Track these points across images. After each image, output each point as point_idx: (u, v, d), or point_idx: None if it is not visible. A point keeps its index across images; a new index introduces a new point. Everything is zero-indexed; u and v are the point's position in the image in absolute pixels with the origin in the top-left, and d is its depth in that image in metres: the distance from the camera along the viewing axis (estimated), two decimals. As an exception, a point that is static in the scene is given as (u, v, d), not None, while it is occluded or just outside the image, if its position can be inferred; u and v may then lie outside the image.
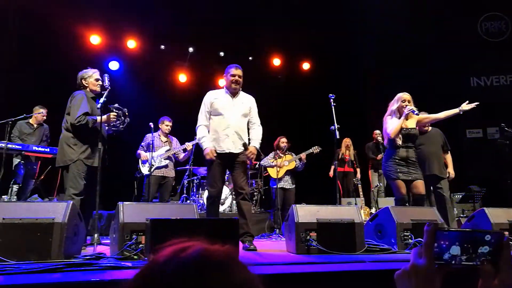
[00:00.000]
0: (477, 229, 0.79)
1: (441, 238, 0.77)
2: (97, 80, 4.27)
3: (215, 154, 4.02)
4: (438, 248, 0.76)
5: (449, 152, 5.67)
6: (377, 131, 7.81)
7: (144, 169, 5.97)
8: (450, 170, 5.57)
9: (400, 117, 4.52)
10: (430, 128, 5.61)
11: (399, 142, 4.50)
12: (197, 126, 4.24)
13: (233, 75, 4.19)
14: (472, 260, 0.76)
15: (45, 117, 6.64)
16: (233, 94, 4.24)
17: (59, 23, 8.14)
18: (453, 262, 0.76)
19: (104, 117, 3.95)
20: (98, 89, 4.22)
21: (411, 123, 4.62)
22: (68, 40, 8.36)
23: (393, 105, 4.65)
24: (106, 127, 4.20)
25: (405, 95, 4.61)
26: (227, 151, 4.06)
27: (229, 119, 4.12)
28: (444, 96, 8.60)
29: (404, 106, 4.52)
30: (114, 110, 4.10)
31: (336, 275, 2.34)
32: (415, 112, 4.52)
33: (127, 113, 4.16)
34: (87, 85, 4.25)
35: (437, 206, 5.27)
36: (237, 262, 0.58)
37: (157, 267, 0.55)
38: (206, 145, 4.06)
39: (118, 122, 4.12)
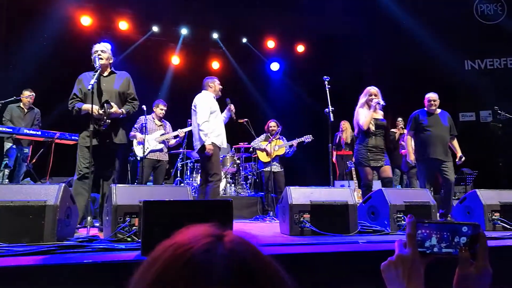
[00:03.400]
0: (454, 221, 0.86)
1: (422, 229, 0.83)
2: (95, 52, 4.04)
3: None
4: (420, 238, 0.83)
5: (455, 138, 5.52)
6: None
7: (139, 151, 5.92)
8: (459, 153, 5.47)
9: (369, 109, 4.93)
10: (438, 110, 5.49)
11: (373, 128, 4.90)
12: (203, 121, 4.71)
13: (220, 84, 5.09)
14: (451, 248, 0.81)
15: (31, 100, 6.56)
16: (217, 99, 5.05)
17: (48, 3, 7.96)
18: (434, 250, 0.82)
19: (87, 106, 3.78)
20: (96, 63, 3.92)
21: (377, 115, 5.03)
22: (58, 21, 8.17)
23: (362, 98, 5.04)
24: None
25: (372, 89, 5.01)
26: (225, 146, 4.96)
27: (222, 119, 5.00)
28: (438, 79, 8.61)
29: (371, 99, 4.93)
30: (103, 109, 3.92)
31: (330, 256, 2.36)
32: (381, 104, 4.95)
33: (108, 111, 3.91)
34: (93, 63, 4.04)
35: (443, 189, 5.29)
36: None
37: (202, 255, 0.49)
38: (211, 141, 4.69)
39: (102, 121, 3.94)
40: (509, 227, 3.76)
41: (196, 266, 0.48)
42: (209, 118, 4.74)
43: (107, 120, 3.92)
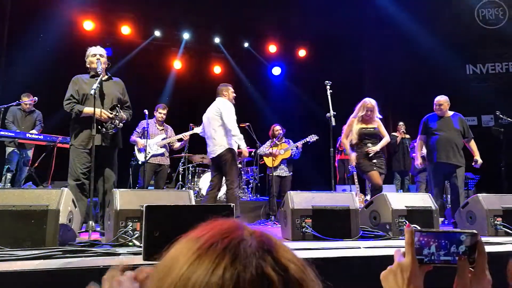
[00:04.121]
0: (452, 230, 0.85)
1: (420, 237, 0.84)
2: (94, 55, 4.05)
3: None
4: (418, 246, 0.83)
5: (472, 139, 5.39)
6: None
7: (140, 157, 5.94)
8: (477, 157, 5.32)
9: (363, 123, 4.98)
10: (450, 112, 5.40)
11: (355, 141, 4.98)
12: (234, 126, 4.82)
13: (234, 92, 5.17)
14: (450, 256, 0.82)
15: (30, 106, 6.63)
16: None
17: (51, 8, 8.01)
18: (433, 257, 0.83)
19: (91, 109, 3.73)
20: (98, 67, 3.94)
21: (369, 125, 5.03)
22: (61, 25, 8.22)
23: (359, 111, 5.01)
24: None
25: (369, 104, 4.97)
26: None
27: None
28: (439, 83, 8.61)
29: (368, 115, 4.95)
30: (114, 113, 3.95)
31: (331, 261, 2.35)
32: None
33: (117, 115, 3.95)
34: (88, 65, 4.09)
35: (451, 194, 5.25)
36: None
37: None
38: (231, 147, 4.85)
39: (113, 125, 3.96)
40: (511, 232, 3.74)
41: (235, 253, 0.49)
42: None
43: (120, 124, 3.95)
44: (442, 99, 5.39)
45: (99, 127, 3.85)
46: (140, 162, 5.98)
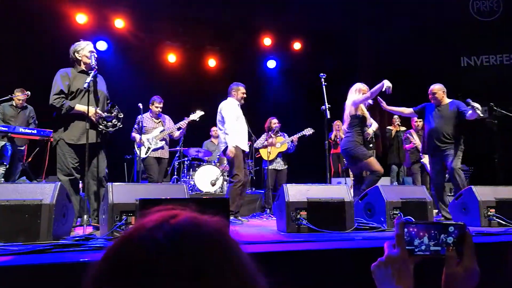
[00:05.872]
0: (440, 222, 0.89)
1: (410, 229, 0.86)
2: (91, 52, 3.97)
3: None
4: (408, 237, 0.85)
5: (470, 110, 5.03)
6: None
7: (141, 152, 5.88)
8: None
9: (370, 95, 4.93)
10: (447, 100, 5.24)
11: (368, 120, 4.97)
12: (228, 125, 4.96)
13: (244, 92, 5.29)
14: (438, 247, 0.84)
15: (22, 101, 6.51)
16: (240, 105, 5.27)
17: (42, 0, 7.91)
18: (422, 248, 0.85)
19: (83, 107, 3.71)
20: (92, 61, 3.88)
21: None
22: (52, 19, 8.12)
23: (357, 93, 4.93)
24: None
25: (364, 87, 4.98)
26: (247, 151, 5.28)
27: (245, 125, 5.22)
28: (434, 75, 8.62)
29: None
30: (115, 112, 3.94)
31: (326, 253, 2.36)
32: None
33: (120, 116, 3.96)
34: (80, 59, 3.98)
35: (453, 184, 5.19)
36: (228, 236, 0.56)
37: (146, 232, 0.53)
38: (236, 144, 4.94)
39: (109, 124, 3.94)
40: (504, 223, 3.78)
41: (142, 243, 0.51)
42: (234, 124, 5.00)
43: (119, 124, 3.93)
44: (435, 87, 5.24)
45: (99, 126, 3.85)
46: (139, 158, 5.92)
